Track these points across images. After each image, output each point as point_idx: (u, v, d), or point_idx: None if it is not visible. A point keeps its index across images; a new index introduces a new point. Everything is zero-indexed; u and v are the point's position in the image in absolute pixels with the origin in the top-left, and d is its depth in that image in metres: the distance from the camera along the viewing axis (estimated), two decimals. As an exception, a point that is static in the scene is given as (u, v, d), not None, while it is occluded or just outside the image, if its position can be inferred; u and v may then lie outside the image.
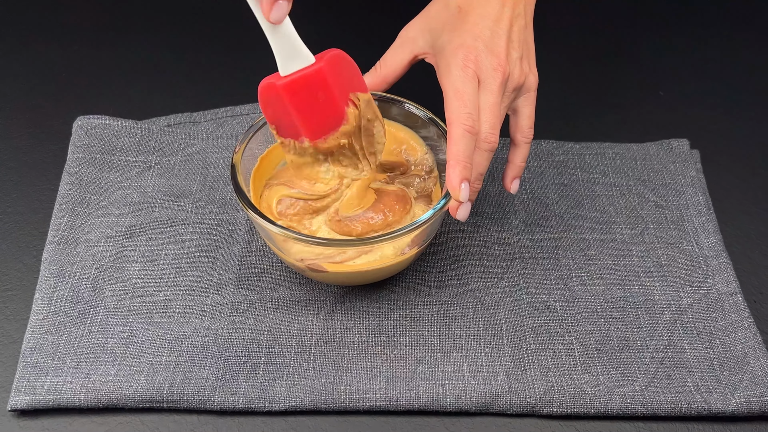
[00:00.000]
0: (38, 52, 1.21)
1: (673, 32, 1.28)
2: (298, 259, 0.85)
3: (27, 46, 1.22)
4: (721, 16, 1.31)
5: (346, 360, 0.87)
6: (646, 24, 1.29)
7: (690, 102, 1.17)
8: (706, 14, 1.31)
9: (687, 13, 1.31)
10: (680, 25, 1.29)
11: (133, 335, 0.88)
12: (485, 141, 0.84)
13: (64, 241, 0.95)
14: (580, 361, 0.87)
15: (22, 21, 1.26)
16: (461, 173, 0.81)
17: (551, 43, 1.22)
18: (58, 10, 1.28)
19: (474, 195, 0.85)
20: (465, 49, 0.85)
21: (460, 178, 0.81)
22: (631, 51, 1.25)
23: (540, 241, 0.97)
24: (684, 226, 0.99)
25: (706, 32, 1.28)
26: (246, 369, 0.86)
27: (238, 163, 0.88)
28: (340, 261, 0.85)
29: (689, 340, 0.89)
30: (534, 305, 0.91)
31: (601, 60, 1.23)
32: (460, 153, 0.82)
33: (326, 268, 0.85)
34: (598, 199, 1.02)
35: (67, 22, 1.26)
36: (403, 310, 0.91)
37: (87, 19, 1.26)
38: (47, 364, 0.85)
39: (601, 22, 1.29)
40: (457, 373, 0.86)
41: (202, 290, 0.92)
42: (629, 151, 1.07)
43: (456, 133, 0.82)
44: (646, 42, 1.26)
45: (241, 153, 0.89)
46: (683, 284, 0.94)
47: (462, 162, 0.81)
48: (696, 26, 1.29)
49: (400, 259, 0.87)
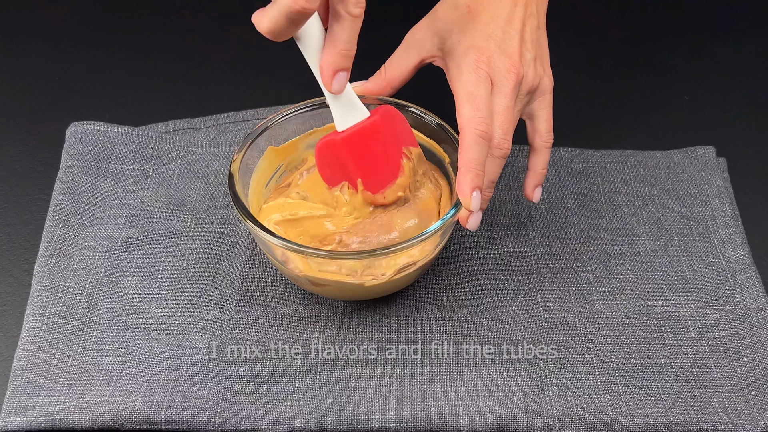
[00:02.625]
0: (29, 53, 1.22)
1: (699, 33, 1.28)
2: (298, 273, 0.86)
3: (17, 47, 1.23)
4: (750, 15, 1.31)
5: (354, 379, 0.87)
6: (670, 24, 1.29)
7: (716, 107, 1.17)
8: (734, 13, 1.31)
9: (714, 12, 1.31)
10: (707, 25, 1.29)
11: (129, 353, 0.89)
12: (498, 147, 0.84)
13: (56, 254, 0.95)
14: (600, 381, 0.87)
15: (11, 20, 1.26)
16: (473, 181, 0.82)
17: (569, 44, 1.23)
18: (51, 8, 1.28)
19: (485, 204, 0.85)
20: (476, 50, 0.85)
21: (472, 186, 0.82)
22: (655, 53, 1.25)
23: (558, 254, 0.98)
24: (710, 238, 0.99)
25: (734, 33, 1.28)
26: (248, 388, 0.86)
27: (236, 172, 0.88)
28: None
29: (716, 358, 0.89)
30: (552, 321, 0.92)
31: (623, 62, 1.23)
32: (472, 160, 0.82)
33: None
34: (619, 210, 1.02)
35: (60, 22, 1.26)
36: (414, 327, 0.91)
37: (81, 18, 1.27)
38: (39, 383, 0.86)
39: (623, 22, 1.29)
40: (470, 393, 0.86)
41: (203, 306, 0.93)
42: (652, 159, 1.07)
43: (468, 139, 0.82)
44: (670, 43, 1.26)
45: (239, 161, 0.89)
46: (709, 299, 0.94)
47: (474, 169, 0.82)
48: (723, 27, 1.29)
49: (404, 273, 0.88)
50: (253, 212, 0.89)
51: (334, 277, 0.86)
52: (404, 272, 0.87)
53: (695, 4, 1.32)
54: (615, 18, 1.30)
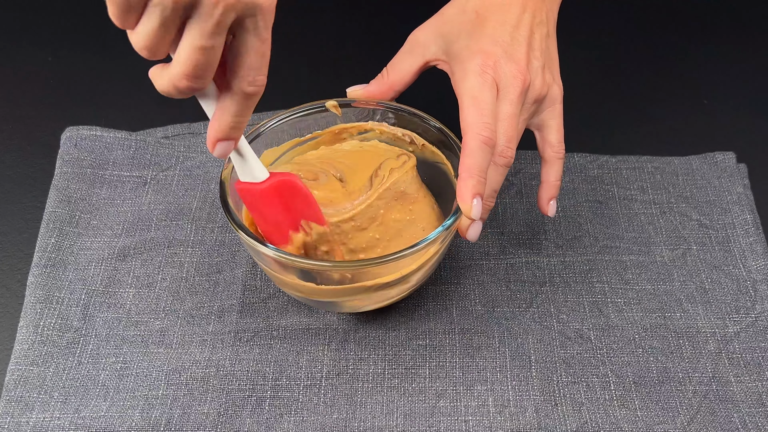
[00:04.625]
0: (23, 56, 1.22)
1: (718, 35, 1.28)
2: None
3: (10, 49, 1.23)
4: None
5: (360, 394, 0.87)
6: (688, 27, 1.29)
7: (737, 111, 1.17)
8: (754, 15, 1.31)
9: (734, 13, 1.31)
10: (726, 26, 1.29)
11: (126, 366, 0.89)
12: (501, 155, 0.84)
13: (51, 264, 0.96)
14: (616, 395, 0.87)
15: (5, 22, 1.27)
16: (474, 188, 0.82)
17: (584, 48, 1.23)
18: (45, 9, 1.28)
19: (486, 214, 0.86)
20: (483, 54, 0.86)
21: (473, 193, 0.82)
22: (672, 56, 1.25)
23: (572, 264, 0.98)
24: (730, 248, 0.99)
25: (755, 35, 1.28)
26: (250, 404, 0.86)
27: (227, 180, 0.87)
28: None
29: (736, 372, 0.89)
30: (566, 334, 0.92)
31: (639, 66, 1.24)
32: (474, 166, 0.82)
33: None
34: (635, 218, 1.02)
35: (55, 24, 1.26)
36: (422, 340, 0.92)
37: (76, 20, 1.27)
38: (33, 398, 0.86)
39: (639, 24, 1.30)
40: (481, 408, 0.86)
41: (203, 317, 0.93)
42: (670, 165, 1.08)
43: (472, 144, 0.82)
44: (688, 46, 1.26)
45: (230, 168, 0.88)
46: (729, 311, 0.94)
47: (476, 176, 0.82)
48: (744, 28, 1.29)
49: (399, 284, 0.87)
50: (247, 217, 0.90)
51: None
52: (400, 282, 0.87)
53: (714, 4, 1.32)
54: (631, 19, 1.30)
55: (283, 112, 0.94)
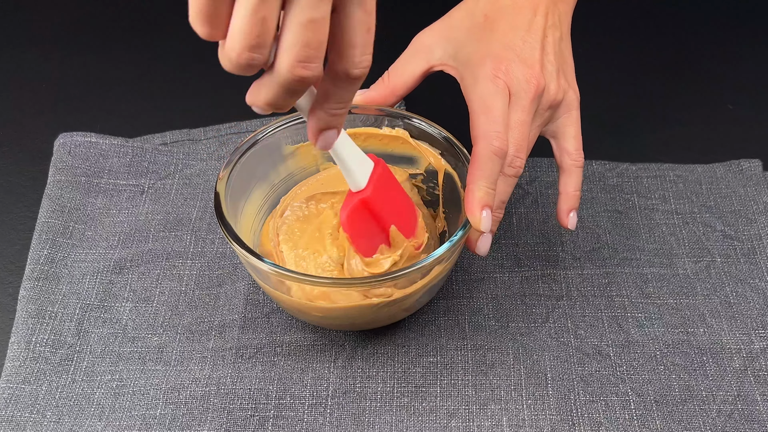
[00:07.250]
0: (14, 59, 1.23)
1: (743, 38, 1.28)
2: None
3: (1, 52, 1.24)
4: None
5: (368, 413, 0.88)
6: (711, 29, 1.29)
7: (763, 116, 1.17)
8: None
9: (758, 15, 1.31)
10: (751, 29, 1.29)
11: (123, 384, 0.89)
12: (510, 165, 0.85)
13: (44, 277, 0.96)
14: (636, 415, 0.87)
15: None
16: (483, 199, 0.82)
17: (600, 50, 1.23)
18: (37, 11, 1.29)
19: (495, 226, 0.86)
20: (494, 59, 0.86)
21: (482, 204, 0.82)
22: (695, 59, 1.25)
23: (591, 277, 0.98)
24: (756, 260, 1.00)
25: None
26: (253, 424, 0.87)
27: (222, 192, 0.87)
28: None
29: (762, 390, 0.89)
30: (584, 350, 0.92)
31: (660, 70, 1.24)
32: (484, 176, 0.82)
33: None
34: (657, 229, 1.03)
35: (48, 26, 1.27)
36: (433, 356, 0.92)
37: (71, 22, 1.27)
38: (25, 417, 0.86)
39: (660, 27, 1.30)
40: (495, 429, 0.86)
41: (203, 333, 0.93)
42: (693, 174, 1.08)
43: (482, 154, 0.83)
44: (711, 49, 1.26)
45: (225, 180, 0.88)
46: (755, 326, 0.94)
47: (485, 187, 0.82)
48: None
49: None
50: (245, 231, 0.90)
51: (344, 302, 0.86)
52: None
53: (738, 6, 1.33)
54: (652, 22, 1.30)
55: (282, 118, 0.94)
